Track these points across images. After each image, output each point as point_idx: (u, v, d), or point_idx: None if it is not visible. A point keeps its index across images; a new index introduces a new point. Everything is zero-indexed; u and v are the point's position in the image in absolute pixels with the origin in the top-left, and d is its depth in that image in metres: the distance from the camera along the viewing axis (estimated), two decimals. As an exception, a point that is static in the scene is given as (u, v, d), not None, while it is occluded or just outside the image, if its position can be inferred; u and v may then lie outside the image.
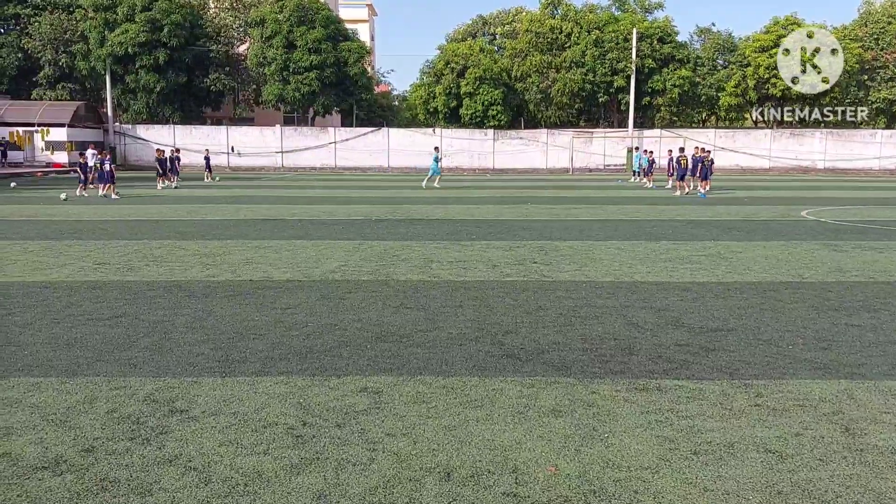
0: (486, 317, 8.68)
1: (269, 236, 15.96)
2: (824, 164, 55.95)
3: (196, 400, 5.88)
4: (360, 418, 5.50)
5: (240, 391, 6.08)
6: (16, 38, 54.47)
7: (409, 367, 6.72)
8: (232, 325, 8.27)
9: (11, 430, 5.25)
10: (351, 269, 11.95)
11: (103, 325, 8.19)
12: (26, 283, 10.61)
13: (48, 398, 5.90)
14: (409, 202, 25.47)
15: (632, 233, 16.87)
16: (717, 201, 26.67)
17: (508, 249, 14.19)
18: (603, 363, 6.89)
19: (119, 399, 5.89)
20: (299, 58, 53.73)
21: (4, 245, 14.58)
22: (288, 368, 6.69)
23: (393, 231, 17.03)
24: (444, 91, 55.72)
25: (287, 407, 5.73)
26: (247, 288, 10.37)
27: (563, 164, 55.81)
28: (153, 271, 11.65)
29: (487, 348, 7.36)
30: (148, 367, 6.73)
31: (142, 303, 9.36)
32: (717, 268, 12.18)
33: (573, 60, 55.70)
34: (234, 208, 22.81)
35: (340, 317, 8.66)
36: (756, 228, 17.85)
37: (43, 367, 6.70)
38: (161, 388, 6.16)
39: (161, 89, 53.45)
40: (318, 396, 5.96)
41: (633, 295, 10.01)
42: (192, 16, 54.72)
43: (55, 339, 7.60)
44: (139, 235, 16.09)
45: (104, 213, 21.16)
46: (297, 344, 7.50)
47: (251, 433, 5.22)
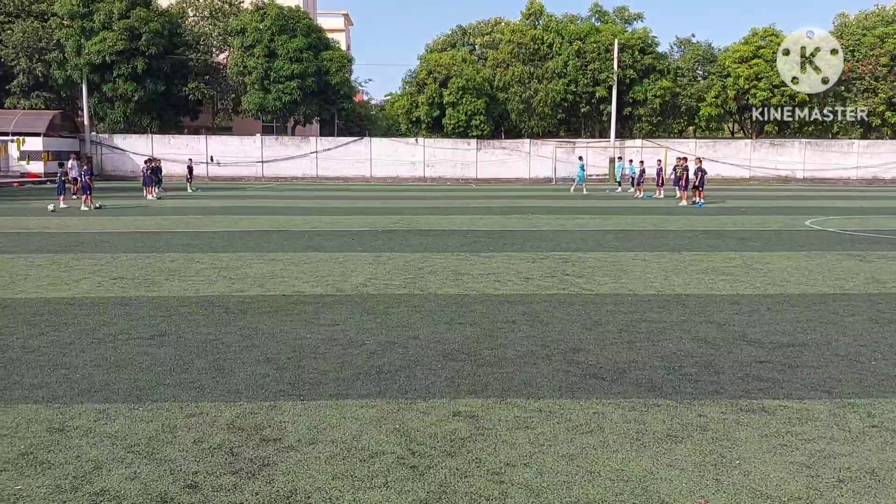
0: (544, 333, 8.36)
1: (282, 248, 15.51)
2: (803, 174, 56.55)
3: (284, 427, 5.48)
4: (468, 446, 5.15)
5: (327, 416, 5.70)
6: (-12, 46, 53.22)
7: (493, 389, 6.38)
8: (285, 343, 7.86)
9: (100, 463, 4.83)
10: (381, 282, 11.58)
11: (148, 345, 7.74)
12: (48, 300, 10.09)
13: (123, 427, 5.47)
14: (408, 212, 25.10)
15: (649, 244, 16.67)
16: (716, 211, 26.66)
17: (533, 261, 13.90)
18: (692, 383, 6.60)
19: (200, 427, 5.48)
20: (280, 67, 53.16)
21: (8, 259, 13.98)
22: (367, 390, 6.32)
23: (405, 242, 16.66)
24: (427, 101, 55.44)
25: (385, 434, 5.36)
26: (282, 303, 9.96)
27: (547, 174, 55.80)
28: (177, 286, 11.17)
29: (564, 367, 7.04)
30: (215, 390, 6.32)
31: (179, 320, 8.91)
32: (753, 279, 11.99)
33: (555, 71, 55.77)
34: (230, 219, 22.28)
35: (394, 334, 8.30)
36: (770, 238, 17.76)
37: (103, 391, 6.27)
38: (240, 414, 5.76)
39: (139, 98, 52.55)
40: (413, 421, 5.60)
41: (685, 308, 9.76)
42: (171, 24, 53.94)
43: (103, 361, 7.15)
44: (145, 248, 15.56)
45: (100, 226, 20.53)
46: (363, 363, 7.12)
47: (360, 464, 4.84)
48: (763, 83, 54.78)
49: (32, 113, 51.68)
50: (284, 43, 53.36)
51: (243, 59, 53.81)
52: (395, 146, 56.65)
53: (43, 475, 4.66)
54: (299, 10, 56.34)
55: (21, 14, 53.95)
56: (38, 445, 5.12)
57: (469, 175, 56.04)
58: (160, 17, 53.06)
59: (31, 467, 4.77)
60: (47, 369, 6.87)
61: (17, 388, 6.32)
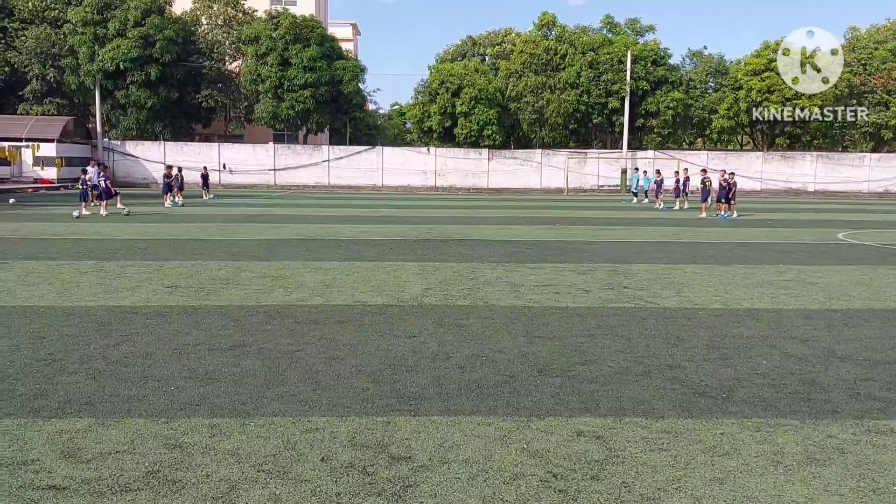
0: (629, 348, 8.19)
1: (324, 257, 15.34)
2: (815, 187, 56.46)
3: (408, 444, 5.30)
4: (608, 469, 4.97)
5: (448, 434, 5.52)
6: (2, 52, 53.13)
7: (605, 407, 6.20)
8: (369, 355, 7.69)
9: (234, 483, 4.64)
10: (438, 293, 11.40)
11: (231, 356, 7.56)
12: (110, 308, 9.91)
13: (242, 443, 5.28)
14: (433, 222, 24.93)
15: (692, 256, 16.51)
16: (742, 223, 26.51)
17: (582, 273, 13.73)
18: (805, 401, 6.43)
19: (321, 443, 5.30)
20: (294, 75, 53.10)
21: (52, 265, 13.79)
22: (475, 407, 6.14)
23: (444, 252, 16.49)
24: (440, 110, 55.37)
25: (515, 454, 5.18)
26: (349, 314, 9.78)
27: (558, 185, 55.72)
28: (235, 295, 11.00)
29: (668, 385, 6.86)
30: (320, 404, 6.14)
31: (252, 330, 8.73)
32: (814, 294, 11.82)
33: (568, 81, 55.74)
34: (261, 227, 22.12)
35: (476, 347, 8.12)
36: (812, 252, 17.60)
37: (204, 404, 6.09)
38: (357, 429, 5.58)
39: (152, 105, 52.44)
40: (538, 441, 5.42)
41: (759, 323, 9.59)
42: (185, 32, 53.91)
43: (190, 373, 6.97)
44: (186, 255, 15.39)
45: (131, 232, 20.36)
46: (459, 378, 6.95)
47: (505, 486, 4.67)
48: (775, 96, 54.76)
49: (45, 119, 51.59)
50: (298, 52, 53.32)
51: (257, 68, 53.74)
52: (407, 155, 56.55)
53: (180, 496, 4.48)
54: (313, 20, 56.33)
55: (35, 20, 53.89)
56: (162, 463, 4.93)
57: (480, 185, 55.94)
58: (174, 24, 53.02)
59: (165, 486, 4.59)
60: (139, 381, 6.68)
61: (116, 401, 6.14)
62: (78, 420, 5.69)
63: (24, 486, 4.56)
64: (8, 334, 8.38)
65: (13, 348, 7.78)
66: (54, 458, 4.99)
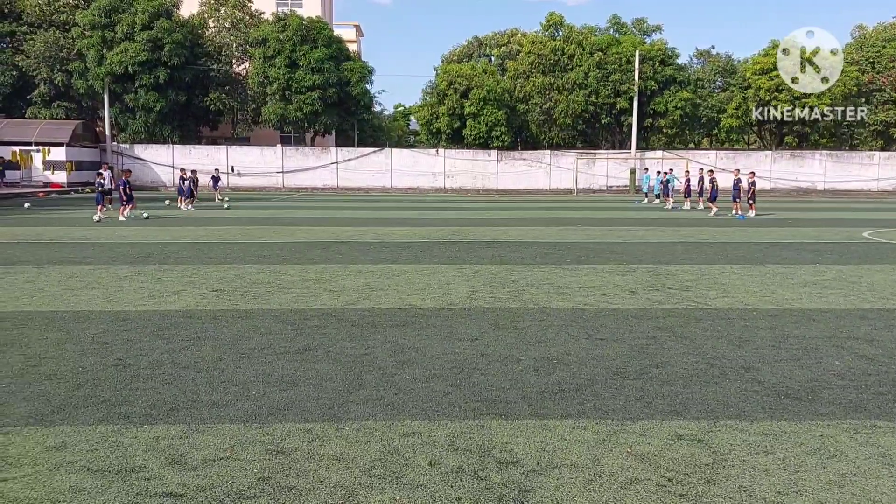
0: (696, 349, 8.15)
1: (359, 260, 15.30)
2: (824, 186, 56.43)
3: (510, 448, 5.26)
4: (721, 472, 4.92)
5: (548, 438, 5.47)
6: (10, 56, 53.11)
7: (695, 410, 6.16)
8: (437, 358, 7.65)
9: (351, 489, 4.60)
10: (484, 295, 11.36)
11: (301, 360, 7.52)
12: (162, 313, 9.87)
13: (343, 448, 5.24)
14: (455, 224, 24.88)
15: (725, 256, 16.47)
16: (764, 223, 26.47)
17: (623, 274, 13.69)
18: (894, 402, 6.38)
19: (423, 448, 5.25)
20: (302, 77, 53.10)
21: (88, 270, 13.75)
22: (563, 410, 6.10)
23: (477, 254, 16.43)
24: (448, 111, 55.33)
25: (621, 457, 5.14)
26: (403, 317, 9.73)
27: (567, 185, 55.68)
28: (282, 298, 10.95)
29: (749, 386, 6.82)
30: (408, 407, 6.10)
31: (312, 334, 8.69)
32: (861, 293, 11.78)
33: (576, 82, 55.72)
34: (285, 230, 22.08)
35: (541, 349, 8.08)
36: (844, 252, 17.55)
37: (292, 409, 6.04)
38: (454, 433, 5.54)
39: (160, 108, 52.40)
40: (640, 445, 5.38)
41: (817, 324, 9.55)
42: (193, 35, 53.90)
43: (266, 377, 6.93)
44: (220, 259, 15.34)
45: (156, 236, 20.32)
46: (535, 381, 6.91)
47: (625, 491, 4.62)
48: (784, 95, 54.72)
49: (54, 123, 51.54)
50: (306, 53, 53.32)
51: (264, 70, 53.73)
52: (416, 157, 56.54)
53: (300, 502, 4.43)
54: (320, 21, 56.31)
55: (43, 24, 53.87)
56: (270, 469, 4.89)
57: (489, 186, 55.89)
58: (182, 27, 53.00)
59: (282, 493, 4.55)
60: (219, 387, 6.64)
61: (202, 407, 6.09)
62: (171, 426, 5.64)
63: (141, 494, 4.52)
64: (70, 339, 8.34)
65: (80, 353, 7.73)
66: (160, 465, 4.94)
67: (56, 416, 5.85)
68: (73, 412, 5.93)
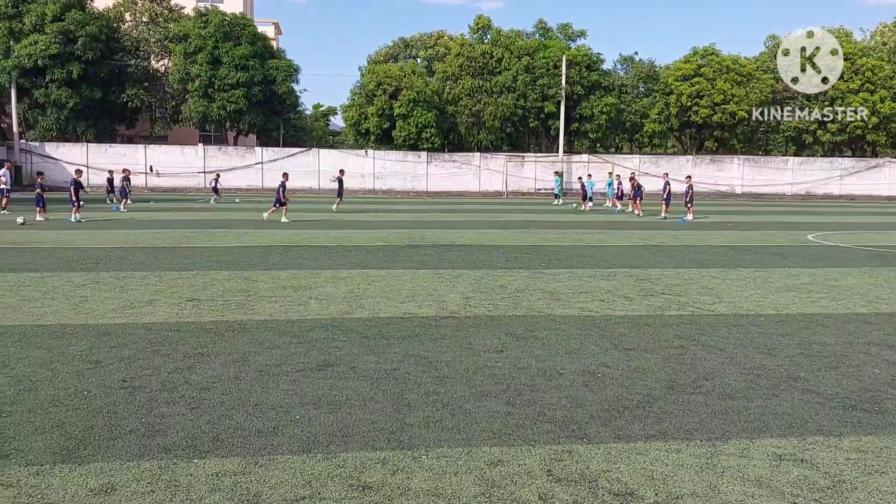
0: (730, 359, 7.92)
1: (329, 266, 14.62)
2: (742, 189, 58.31)
3: (614, 477, 4.82)
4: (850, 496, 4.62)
5: (646, 463, 5.06)
6: None
7: (771, 427, 5.87)
8: (475, 373, 7.15)
9: (473, 533, 4.06)
10: (484, 302, 10.91)
11: (329, 378, 6.91)
12: (145, 326, 9.02)
13: (431, 481, 4.69)
14: (407, 226, 24.32)
15: (694, 260, 16.51)
16: (705, 226, 26.91)
17: (606, 278, 13.47)
18: (960, 411, 6.26)
19: (519, 478, 4.76)
20: (225, 74, 51.47)
21: (38, 278, 12.61)
22: (644, 432, 5.69)
23: (445, 258, 15.95)
24: (377, 112, 54.60)
25: (732, 481, 4.78)
26: (409, 327, 9.19)
27: (496, 188, 55.77)
28: (269, 308, 10.23)
29: (806, 397, 6.60)
30: (475, 432, 5.59)
31: (323, 347, 8.05)
32: (847, 297, 11.88)
33: (504, 85, 55.88)
34: (229, 233, 21.06)
35: (577, 361, 7.70)
36: (803, 255, 17.86)
37: (340, 436, 5.44)
38: (544, 460, 5.06)
39: (74, 105, 49.87)
40: (744, 467, 5.03)
41: (828, 329, 9.49)
42: (109, 28, 51.50)
43: (301, 398, 6.30)
44: (181, 265, 14.37)
45: (94, 241, 19.04)
46: (591, 397, 6.52)
47: (765, 522, 4.24)
48: (704, 101, 56.28)
49: (-43, 118, 48.30)
50: (229, 50, 51.73)
51: (185, 66, 51.82)
52: (344, 158, 55.47)
53: (423, 550, 3.88)
54: (244, 18, 54.75)
55: (-58, 13, 50.47)
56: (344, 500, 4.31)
57: (419, 188, 55.42)
58: (97, 20, 50.56)
59: (395, 540, 3.97)
60: (254, 411, 5.97)
61: (248, 436, 5.42)
62: (223, 459, 4.97)
63: (235, 548, 3.87)
64: (56, 358, 7.46)
65: (76, 374, 6.90)
66: (236, 509, 4.29)
67: (84, 450, 5.09)
68: (102, 446, 5.18)
